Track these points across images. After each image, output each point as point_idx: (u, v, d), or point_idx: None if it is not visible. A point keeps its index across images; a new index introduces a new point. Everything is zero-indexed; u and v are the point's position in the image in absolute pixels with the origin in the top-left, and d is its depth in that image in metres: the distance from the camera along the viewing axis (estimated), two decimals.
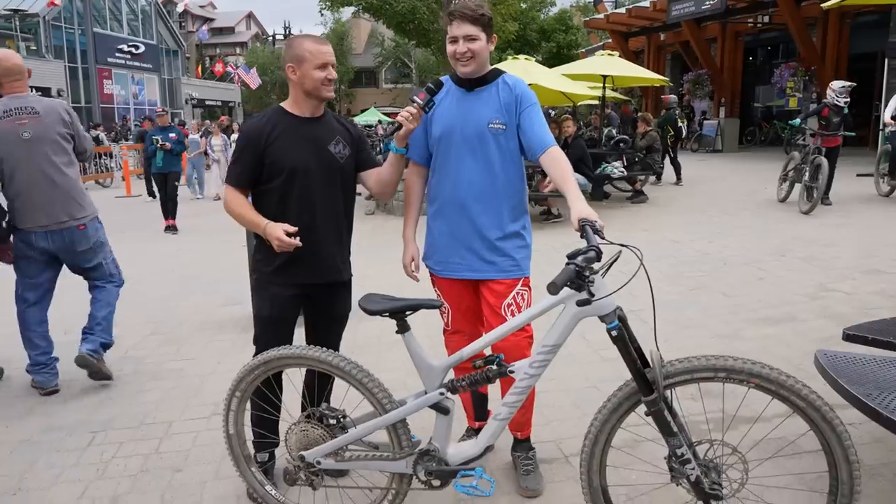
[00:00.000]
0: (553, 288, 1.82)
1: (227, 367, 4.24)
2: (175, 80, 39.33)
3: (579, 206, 2.17)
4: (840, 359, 2.65)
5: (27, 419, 3.60)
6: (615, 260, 2.03)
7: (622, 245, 2.01)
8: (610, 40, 25.84)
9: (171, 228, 10.08)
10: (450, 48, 2.54)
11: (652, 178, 12.70)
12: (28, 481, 2.96)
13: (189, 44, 45.56)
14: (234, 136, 16.33)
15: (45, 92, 28.07)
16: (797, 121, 9.92)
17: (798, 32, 17.30)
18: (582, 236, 2.07)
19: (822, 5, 3.78)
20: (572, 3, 38.97)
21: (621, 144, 11.35)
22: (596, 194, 11.00)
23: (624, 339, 1.96)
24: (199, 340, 4.87)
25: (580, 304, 1.98)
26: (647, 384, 1.96)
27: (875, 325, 2.99)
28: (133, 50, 34.68)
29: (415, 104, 2.47)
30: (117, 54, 33.58)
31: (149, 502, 2.77)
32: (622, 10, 24.07)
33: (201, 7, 58.87)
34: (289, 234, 2.40)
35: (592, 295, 1.93)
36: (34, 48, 29.68)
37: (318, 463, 2.34)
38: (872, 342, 2.81)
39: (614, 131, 13.04)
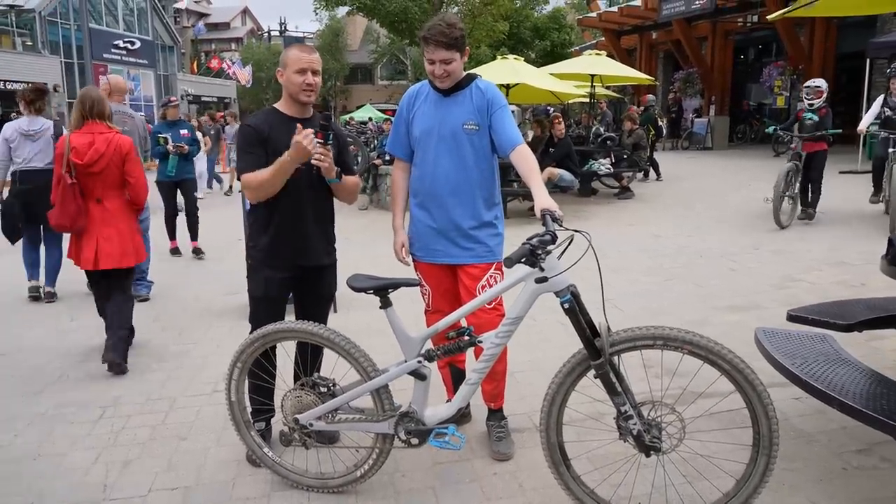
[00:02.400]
0: (508, 262, 2.14)
1: (227, 349, 4.52)
2: (171, 75, 39.45)
3: (542, 197, 2.48)
4: (776, 335, 2.97)
5: (41, 396, 3.89)
6: (569, 244, 2.33)
7: (575, 231, 2.31)
8: (603, 38, 26.19)
9: (197, 251, 7.88)
10: (428, 67, 2.84)
11: (639, 175, 13.02)
12: (46, 448, 3.25)
13: (184, 39, 45.68)
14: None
15: None
16: (771, 128, 9.12)
17: (786, 32, 17.66)
18: (543, 224, 2.37)
19: (768, 17, 4.05)
20: (566, 1, 39.25)
21: (608, 142, 11.64)
22: (584, 190, 11.32)
23: (575, 312, 2.26)
24: (200, 327, 5.15)
25: (538, 281, 2.28)
26: (595, 351, 2.26)
27: (816, 307, 3.30)
28: (129, 46, 34.79)
29: (318, 143, 2.69)
30: (113, 50, 33.70)
31: (158, 466, 3.06)
32: (614, 8, 24.38)
33: (196, 2, 59.01)
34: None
35: (543, 270, 2.23)
36: (30, 44, 29.81)
37: (311, 425, 2.64)
38: (812, 322, 3.12)
39: (602, 129, 13.33)
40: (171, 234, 7.89)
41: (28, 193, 5.51)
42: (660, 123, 13.80)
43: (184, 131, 7.75)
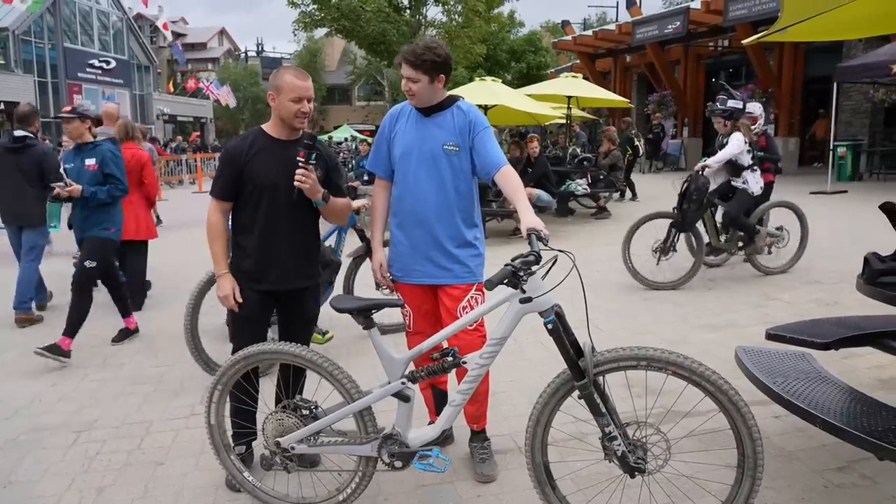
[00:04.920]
0: (489, 284, 2.14)
1: (204, 372, 4.45)
2: (146, 95, 39.14)
3: (528, 217, 2.50)
4: (756, 353, 3.00)
5: (12, 421, 3.78)
6: (553, 264, 2.34)
7: (559, 251, 2.31)
8: (578, 61, 26.59)
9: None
10: (402, 84, 2.87)
11: (616, 195, 13.16)
12: (17, 475, 3.16)
13: (161, 59, 45.45)
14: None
15: (13, 106, 27.88)
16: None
17: (755, 56, 18.07)
18: (529, 243, 2.38)
19: (742, 42, 4.15)
20: (542, 24, 39.91)
21: (585, 163, 11.77)
22: (561, 210, 11.41)
23: (558, 332, 2.26)
24: (177, 349, 5.05)
25: (522, 301, 2.28)
26: (579, 371, 2.26)
27: (794, 325, 3.35)
28: (104, 65, 34.52)
29: (300, 163, 2.73)
30: (88, 69, 33.39)
31: (133, 492, 2.99)
32: (589, 32, 24.79)
33: (173, 23, 58.74)
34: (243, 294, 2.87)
35: (524, 292, 2.23)
36: (3, 62, 29.40)
37: (293, 448, 2.60)
38: (790, 340, 3.16)
39: (579, 150, 13.49)
40: (123, 310, 5.36)
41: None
42: (636, 143, 14.00)
43: (90, 162, 4.98)
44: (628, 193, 13.53)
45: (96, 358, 4.84)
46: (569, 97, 12.25)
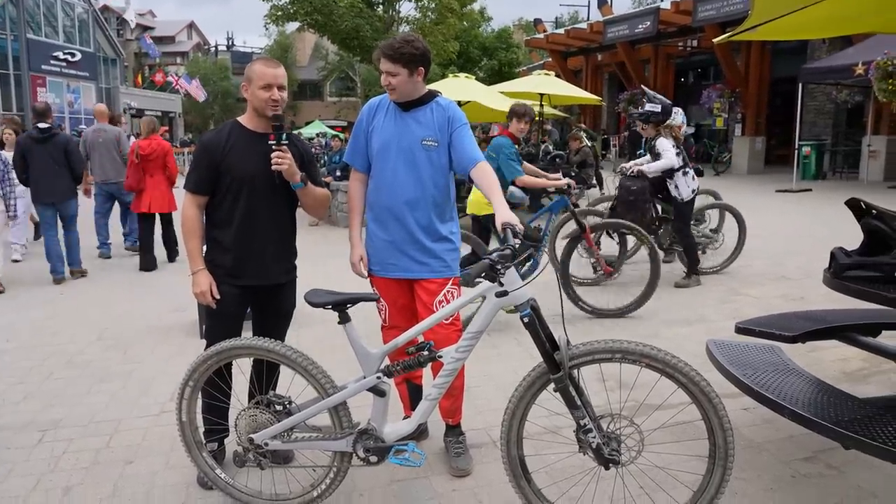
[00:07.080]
0: (467, 278, 2.14)
1: (175, 368, 4.38)
2: (113, 88, 38.39)
3: (503, 212, 2.51)
4: (726, 346, 3.05)
5: None
6: (529, 258, 2.35)
7: (533, 244, 2.33)
8: (550, 59, 26.76)
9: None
10: (382, 79, 2.86)
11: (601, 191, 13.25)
12: None
13: (128, 52, 44.57)
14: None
15: None
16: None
17: (723, 56, 18.38)
18: (504, 238, 2.39)
19: (714, 40, 4.21)
20: (513, 22, 40.04)
21: (557, 160, 11.84)
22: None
23: (534, 325, 2.27)
24: (146, 345, 4.98)
25: (499, 295, 2.29)
26: (555, 364, 2.27)
27: (762, 319, 3.41)
28: (69, 58, 33.75)
29: (273, 146, 2.69)
30: (52, 62, 32.62)
31: (101, 492, 2.93)
32: (561, 30, 24.96)
33: (140, 15, 57.66)
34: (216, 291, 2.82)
35: (502, 285, 2.24)
36: None
37: (266, 444, 2.57)
38: (759, 334, 3.22)
39: (551, 147, 13.57)
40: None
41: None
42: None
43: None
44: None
45: (62, 356, 4.74)
46: (541, 94, 12.32)
